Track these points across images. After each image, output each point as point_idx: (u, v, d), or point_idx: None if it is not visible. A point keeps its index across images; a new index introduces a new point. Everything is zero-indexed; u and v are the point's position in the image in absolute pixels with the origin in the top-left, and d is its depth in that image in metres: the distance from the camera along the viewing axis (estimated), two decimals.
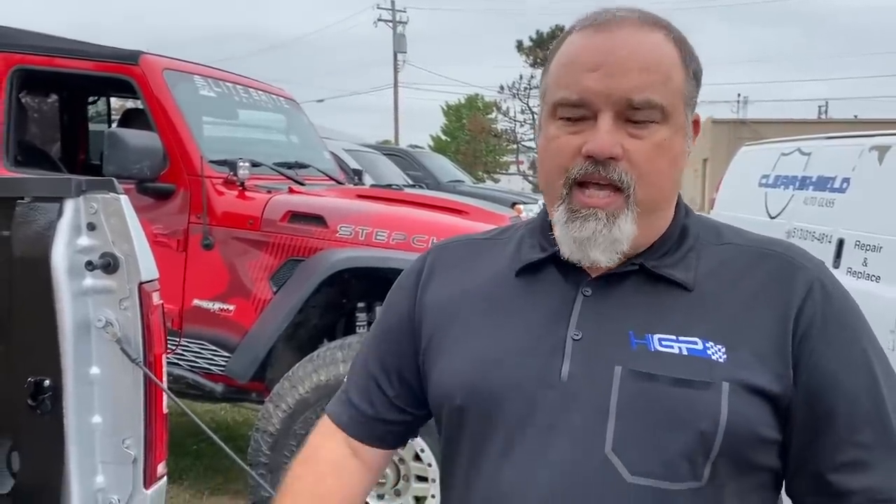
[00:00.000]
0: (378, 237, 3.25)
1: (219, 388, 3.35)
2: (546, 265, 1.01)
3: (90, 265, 1.56)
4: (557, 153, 0.94)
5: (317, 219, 3.31)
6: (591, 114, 0.92)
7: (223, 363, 3.31)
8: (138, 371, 1.61)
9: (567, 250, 0.96)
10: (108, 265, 1.57)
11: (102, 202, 1.57)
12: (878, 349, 0.95)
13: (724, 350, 0.90)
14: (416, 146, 12.13)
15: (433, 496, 3.00)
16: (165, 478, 1.70)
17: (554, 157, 0.95)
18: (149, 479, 1.63)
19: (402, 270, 4.11)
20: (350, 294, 3.42)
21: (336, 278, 3.22)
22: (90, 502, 1.61)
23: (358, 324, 3.35)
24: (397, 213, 3.39)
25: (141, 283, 1.59)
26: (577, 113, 0.93)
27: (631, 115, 0.91)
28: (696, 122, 0.99)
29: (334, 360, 3.01)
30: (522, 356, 0.96)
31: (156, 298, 1.62)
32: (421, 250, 3.24)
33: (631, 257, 0.96)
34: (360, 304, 3.36)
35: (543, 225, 1.03)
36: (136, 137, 3.18)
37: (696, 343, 0.91)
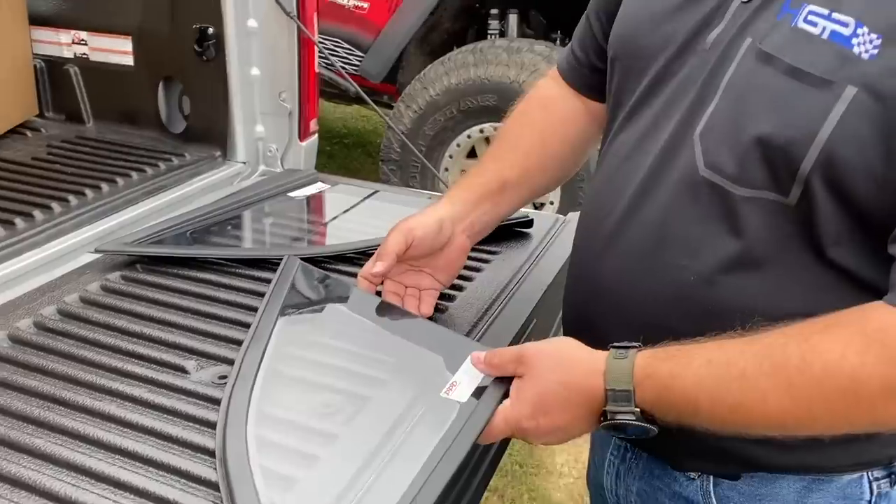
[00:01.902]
0: None
1: (352, 87, 3.46)
2: None
3: None
4: None
5: None
6: None
7: (357, 63, 3.38)
8: (292, 28, 1.67)
9: None
10: None
11: None
12: None
13: (878, 43, 0.70)
14: None
15: None
16: (317, 134, 1.83)
17: None
18: (303, 133, 1.77)
19: None
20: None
21: None
22: (252, 148, 1.77)
23: (490, 31, 3.29)
24: None
25: None
26: None
27: None
28: None
29: (465, 64, 3.01)
30: (683, 16, 0.86)
31: None
32: None
33: None
34: (494, 11, 3.28)
35: None
36: None
37: (846, 26, 0.72)
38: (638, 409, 0.75)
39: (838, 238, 0.75)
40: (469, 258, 1.28)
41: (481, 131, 3.05)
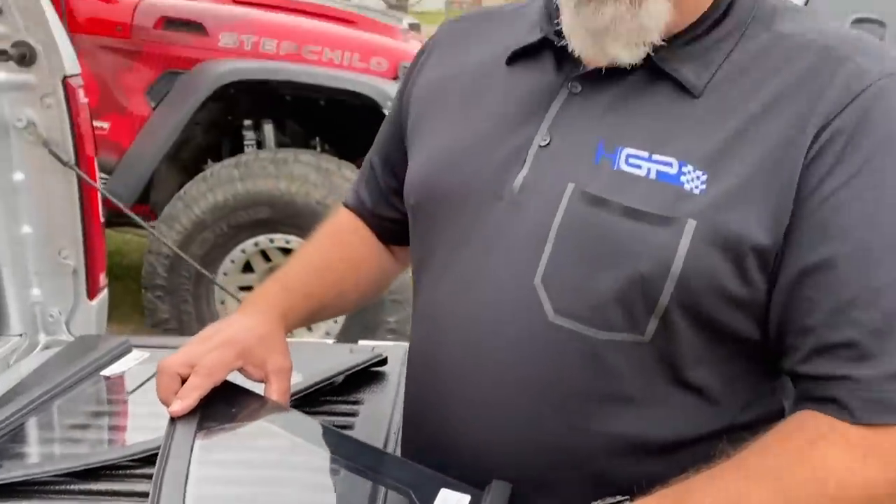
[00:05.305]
0: (266, 47, 3.05)
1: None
2: (541, 50, 0.84)
3: (3, 55, 1.37)
4: None
5: (195, 25, 3.04)
6: None
7: (102, 185, 3.09)
8: (70, 176, 1.48)
9: (578, 44, 0.77)
10: (24, 56, 1.38)
11: None
12: None
13: (704, 178, 0.71)
14: None
15: None
16: (107, 289, 1.62)
17: None
18: (92, 290, 1.55)
19: (293, 83, 3.89)
20: (236, 111, 3.24)
21: (221, 93, 3.03)
22: (28, 315, 1.51)
23: (246, 143, 3.20)
24: (285, 20, 3.18)
25: (65, 78, 1.42)
26: None
27: None
28: None
29: (231, 179, 2.89)
30: (481, 158, 0.83)
31: (81, 96, 1.46)
32: (313, 62, 3.09)
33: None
34: (248, 122, 3.20)
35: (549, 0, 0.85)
36: None
37: (670, 165, 0.73)
38: None
39: (699, 359, 0.75)
40: (333, 415, 1.12)
41: (256, 244, 2.94)
